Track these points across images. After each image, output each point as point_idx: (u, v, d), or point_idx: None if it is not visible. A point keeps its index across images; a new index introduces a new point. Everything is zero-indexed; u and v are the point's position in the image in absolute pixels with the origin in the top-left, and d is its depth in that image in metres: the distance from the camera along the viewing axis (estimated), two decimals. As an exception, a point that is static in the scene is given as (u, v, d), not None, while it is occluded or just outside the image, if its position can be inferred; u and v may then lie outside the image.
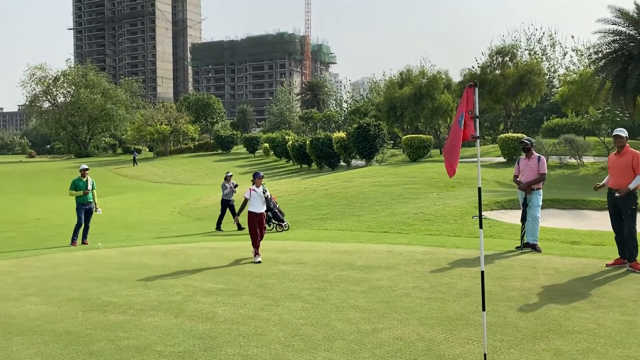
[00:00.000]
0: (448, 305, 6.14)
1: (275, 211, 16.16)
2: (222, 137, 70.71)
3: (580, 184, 24.24)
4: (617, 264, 7.60)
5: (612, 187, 7.70)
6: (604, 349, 4.65)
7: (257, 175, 9.49)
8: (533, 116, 52.97)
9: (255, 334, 5.35)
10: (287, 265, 8.70)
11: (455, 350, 4.79)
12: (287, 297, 6.69)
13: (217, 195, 30.72)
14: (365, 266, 8.44)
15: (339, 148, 39.27)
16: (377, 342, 5.02)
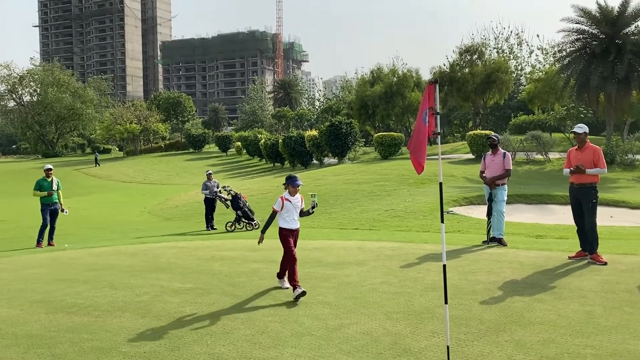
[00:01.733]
0: (415, 300, 6.22)
1: (245, 210, 16.10)
2: (194, 136, 70.04)
3: (546, 179, 24.81)
4: (579, 257, 7.81)
5: (574, 181, 7.90)
6: (564, 339, 4.78)
7: (294, 181, 6.82)
8: (501, 113, 53.94)
9: (223, 332, 5.34)
10: (257, 264, 8.68)
11: (420, 343, 4.86)
12: (256, 295, 6.68)
13: (188, 195, 30.43)
14: (335, 263, 8.48)
15: (311, 146, 39.31)
16: (344, 338, 5.06)
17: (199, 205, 24.91)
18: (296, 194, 6.84)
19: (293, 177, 6.87)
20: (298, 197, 6.85)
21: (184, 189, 36.60)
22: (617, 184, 24.08)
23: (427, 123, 4.20)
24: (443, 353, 4.52)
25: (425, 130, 4.24)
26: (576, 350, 4.50)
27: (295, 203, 6.83)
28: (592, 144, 8.02)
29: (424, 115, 4.19)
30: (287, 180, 6.85)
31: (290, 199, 6.80)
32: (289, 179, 6.84)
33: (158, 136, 77.65)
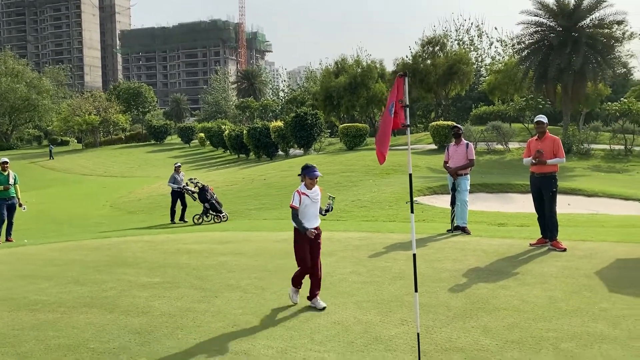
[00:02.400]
0: (383, 288, 6.33)
1: (212, 202, 15.93)
2: (155, 127, 68.72)
3: (506, 169, 25.45)
4: (539, 244, 8.08)
5: (535, 171, 8.14)
6: (527, 324, 4.95)
7: (312, 171, 5.83)
8: (462, 104, 54.89)
9: (194, 326, 5.31)
10: (226, 256, 8.64)
11: (390, 331, 4.96)
12: (226, 288, 6.67)
13: (151, 188, 29.91)
14: (304, 254, 8.51)
15: (276, 137, 39.16)
16: (316, 328, 5.12)
17: (163, 198, 24.54)
18: (314, 186, 5.88)
19: (310, 166, 5.83)
20: (317, 190, 5.90)
21: (146, 181, 35.94)
22: (573, 172, 24.92)
23: (392, 114, 4.26)
24: (413, 340, 4.63)
25: (390, 121, 4.29)
26: (539, 334, 4.68)
27: (314, 197, 5.87)
28: (551, 134, 8.29)
29: (391, 107, 4.25)
30: (303, 170, 5.85)
31: (308, 193, 5.83)
32: (305, 168, 5.83)
33: (118, 128, 75.89)
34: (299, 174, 5.92)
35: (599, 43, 30.58)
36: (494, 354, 4.32)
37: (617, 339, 4.47)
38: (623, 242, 8.12)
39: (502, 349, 4.40)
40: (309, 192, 5.86)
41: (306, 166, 5.89)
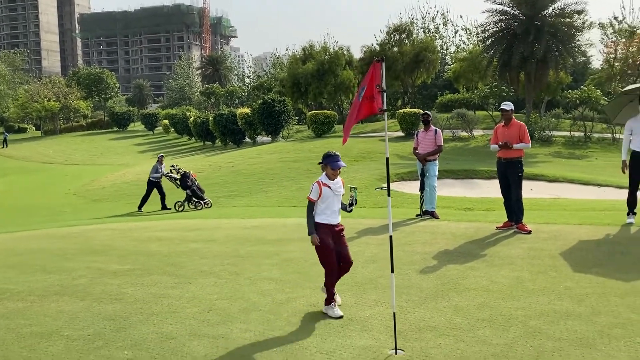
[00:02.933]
0: (357, 272, 6.41)
1: (194, 188, 15.56)
2: (117, 114, 67.19)
3: (471, 155, 25.96)
4: (505, 227, 8.32)
5: (502, 156, 8.35)
6: (497, 303, 5.13)
7: (335, 161, 5.05)
8: (428, 92, 55.47)
9: (169, 312, 5.29)
10: (197, 243, 8.60)
11: (365, 312, 5.06)
12: (199, 274, 6.65)
13: (115, 175, 29.35)
14: (277, 240, 8.56)
15: (243, 124, 38.83)
16: (292, 311, 5.17)
17: (128, 186, 24.15)
18: (337, 177, 5.16)
19: (333, 154, 5.07)
20: (339, 182, 5.20)
21: (109, 169, 35.22)
22: (536, 158, 25.61)
23: (361, 98, 4.30)
24: (387, 320, 4.73)
25: (357, 105, 4.34)
26: (508, 312, 4.85)
27: (336, 189, 5.14)
28: (516, 120, 8.51)
29: (361, 91, 4.29)
30: (324, 159, 5.15)
31: (330, 184, 5.12)
32: (327, 157, 5.12)
33: (79, 114, 73.83)
34: (320, 162, 5.22)
35: (560, 32, 31.36)
36: (466, 332, 4.46)
37: (582, 315, 4.68)
38: (584, 225, 8.43)
39: (473, 327, 4.56)
40: (331, 184, 5.11)
41: (328, 154, 5.11)
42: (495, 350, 4.09)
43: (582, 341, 4.17)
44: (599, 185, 18.15)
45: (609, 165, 24.04)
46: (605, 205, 12.40)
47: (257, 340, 4.47)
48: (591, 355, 3.92)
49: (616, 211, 11.04)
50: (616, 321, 4.52)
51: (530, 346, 4.13)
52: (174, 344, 4.46)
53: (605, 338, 4.20)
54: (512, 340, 4.25)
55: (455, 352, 4.09)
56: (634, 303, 4.90)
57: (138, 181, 24.96)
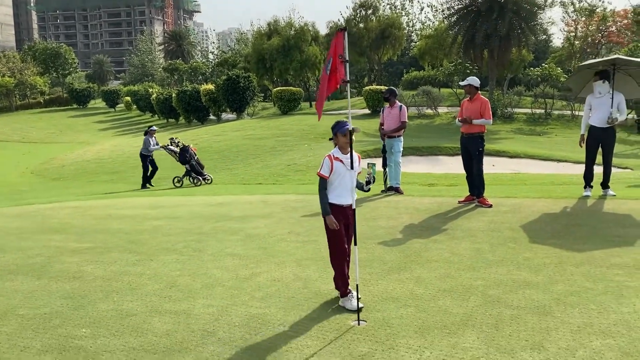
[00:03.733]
0: (322, 247, 6.41)
1: (193, 163, 14.91)
2: (77, 91, 65.19)
3: (435, 132, 26.26)
4: (467, 201, 8.45)
5: (464, 131, 8.43)
6: (458, 274, 5.22)
7: (343, 125, 4.43)
8: (394, 69, 55.64)
9: (129, 289, 5.20)
10: (160, 221, 8.45)
11: (329, 285, 5.06)
12: (161, 251, 6.54)
13: (76, 153, 28.57)
14: (241, 216, 8.49)
15: (207, 101, 38.23)
16: (256, 286, 5.15)
17: (89, 164, 23.55)
18: (348, 147, 4.43)
19: (340, 121, 4.47)
20: (355, 156, 4.51)
21: (69, 147, 34.26)
22: (498, 135, 26.07)
23: (328, 72, 4.24)
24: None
25: (326, 78, 4.27)
26: (468, 282, 4.94)
27: (348, 162, 4.45)
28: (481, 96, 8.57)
29: (327, 63, 4.22)
30: (333, 128, 4.46)
31: (342, 158, 4.45)
32: (335, 125, 4.45)
33: (36, 91, 71.18)
34: (330, 138, 4.59)
35: (523, 9, 31.74)
36: (427, 302, 4.53)
37: (539, 284, 4.81)
38: (543, 198, 8.64)
39: (434, 297, 4.62)
40: (344, 158, 4.45)
41: (336, 123, 4.49)
42: (455, 319, 4.17)
43: (539, 309, 4.28)
44: (558, 160, 18.66)
45: (568, 141, 24.70)
46: (563, 179, 12.75)
47: (219, 315, 4.43)
48: (547, 321, 4.03)
49: (574, 185, 11.37)
50: (571, 289, 4.66)
51: (489, 314, 4.21)
52: (134, 321, 4.39)
53: (561, 305, 4.32)
54: (471, 309, 4.33)
55: (416, 322, 4.15)
56: (589, 272, 5.06)
57: (100, 159, 24.37)
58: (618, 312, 4.15)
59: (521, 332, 3.89)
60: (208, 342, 3.95)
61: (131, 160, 22.47)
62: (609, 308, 4.23)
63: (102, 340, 4.04)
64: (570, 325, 3.95)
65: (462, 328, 4.00)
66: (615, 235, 6.22)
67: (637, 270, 5.04)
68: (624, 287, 4.64)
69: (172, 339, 4.02)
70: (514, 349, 3.65)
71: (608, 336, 3.76)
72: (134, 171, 19.78)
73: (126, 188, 16.29)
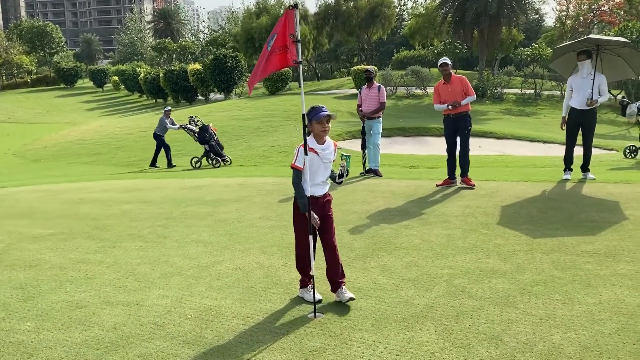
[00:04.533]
0: (290, 232, 6.18)
1: (212, 144, 14.27)
2: (64, 70, 64.17)
3: (424, 113, 26.02)
4: (445, 184, 8.29)
5: (450, 113, 8.16)
6: (425, 262, 5.06)
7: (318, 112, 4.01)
8: (385, 49, 55.09)
9: (85, 278, 5.01)
10: (130, 205, 8.24)
11: (292, 274, 4.91)
12: (126, 238, 6.35)
13: (59, 134, 28.14)
14: (214, 200, 8.29)
15: (195, 81, 37.72)
16: (216, 274, 4.97)
17: (71, 145, 23.19)
18: (325, 136, 4.08)
19: (316, 107, 4.04)
20: (330, 146, 4.16)
21: (55, 128, 33.76)
22: (486, 116, 25.89)
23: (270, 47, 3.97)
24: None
25: (266, 54, 4.01)
26: (434, 271, 4.79)
27: (325, 155, 4.10)
28: (455, 74, 8.32)
29: (270, 40, 3.96)
30: (308, 115, 4.04)
31: (317, 149, 4.07)
32: (310, 111, 4.02)
33: (23, 70, 70.10)
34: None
35: (513, -12, 31.32)
36: (390, 293, 4.37)
37: (506, 273, 4.66)
38: (522, 181, 8.50)
39: (397, 287, 4.47)
40: (319, 148, 4.07)
41: (311, 108, 4.05)
42: (416, 310, 4.02)
43: (502, 299, 4.13)
44: (545, 142, 18.56)
45: (556, 122, 24.53)
46: (546, 161, 12.63)
47: (172, 307, 4.26)
48: (509, 313, 3.89)
49: (555, 167, 11.24)
50: (538, 278, 4.52)
51: (451, 306, 4.07)
52: (83, 313, 4.21)
53: (525, 295, 4.18)
54: (433, 300, 4.18)
55: (375, 314, 3.99)
56: (558, 260, 4.92)
57: (83, 140, 24.02)
58: (583, 303, 4.02)
59: (481, 324, 3.75)
60: (156, 336, 3.78)
61: (114, 142, 22.16)
62: (574, 299, 4.09)
63: (45, 334, 3.87)
64: (532, 317, 3.81)
65: (421, 320, 3.86)
66: (590, 221, 6.08)
67: (607, 258, 4.91)
68: (592, 276, 4.50)
69: (118, 333, 3.85)
70: (471, 343, 3.51)
71: (570, 329, 3.62)
72: (116, 152, 19.50)
73: (108, 171, 16.03)
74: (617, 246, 5.20)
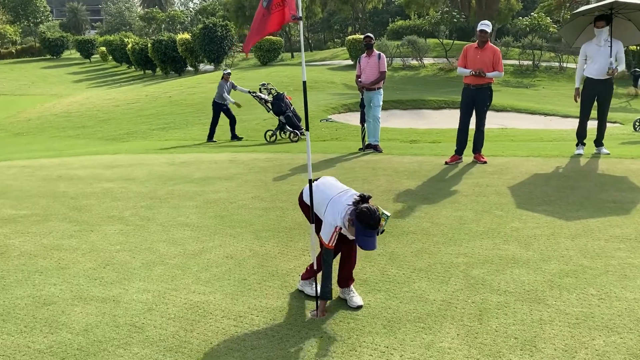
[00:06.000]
0: (287, 215, 5.72)
1: (289, 115, 12.60)
2: (50, 40, 62.36)
3: (421, 84, 25.35)
4: (453, 161, 7.75)
5: (471, 82, 7.53)
6: (437, 248, 4.55)
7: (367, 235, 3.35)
8: (379, 19, 53.85)
9: (57, 268, 4.46)
10: (112, 183, 7.65)
11: (289, 264, 4.39)
12: (106, 220, 5.78)
13: (44, 107, 27.21)
14: (203, 178, 7.71)
15: (184, 51, 36.64)
16: (204, 264, 4.44)
17: (56, 118, 22.36)
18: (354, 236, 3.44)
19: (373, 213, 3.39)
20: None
21: (40, 100, 32.73)
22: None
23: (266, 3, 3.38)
24: (313, 274, 4.08)
25: (262, 13, 3.43)
26: (449, 260, 4.28)
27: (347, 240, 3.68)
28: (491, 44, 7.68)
29: None
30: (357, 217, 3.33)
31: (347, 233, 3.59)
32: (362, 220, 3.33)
33: (7, 40, 68.15)
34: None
35: (513, -45, 30.34)
36: (401, 285, 3.87)
37: (529, 262, 4.16)
38: (532, 157, 7.98)
39: (409, 279, 3.96)
40: (348, 233, 3.58)
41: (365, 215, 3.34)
42: (432, 308, 3.52)
43: (530, 294, 3.64)
44: (546, 114, 18.01)
45: (555, 94, 24.00)
46: (553, 135, 12.11)
47: (154, 304, 3.73)
48: (540, 311, 3.40)
49: (564, 141, 10.73)
50: (567, 268, 4.02)
51: (472, 302, 3.57)
52: (50, 312, 3.67)
53: (555, 289, 3.69)
54: (451, 295, 3.68)
55: (386, 312, 3.49)
56: (585, 246, 4.43)
57: (68, 113, 23.18)
58: (622, 298, 3.53)
59: (509, 326, 3.26)
60: (133, 341, 3.26)
61: (100, 114, 21.36)
62: (612, 294, 3.60)
63: (3, 339, 3.33)
64: (567, 317, 3.32)
65: (439, 321, 3.36)
66: (612, 201, 5.58)
67: (639, 243, 4.43)
68: (626, 266, 4.01)
69: (90, 337, 3.33)
70: (501, 349, 3.01)
71: (613, 331, 3.14)
72: (102, 125, 18.76)
73: (93, 144, 15.34)
74: (649, 230, 4.71)
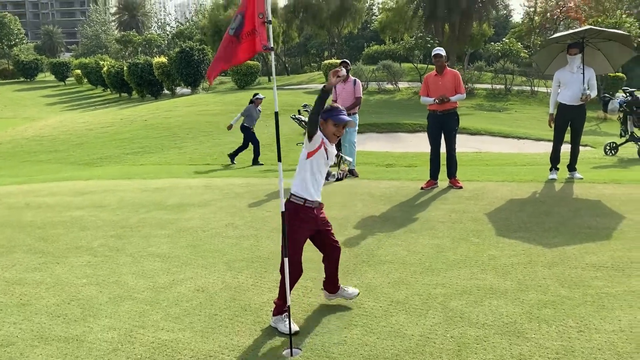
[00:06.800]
0: (261, 243, 5.59)
1: None
2: (24, 63, 61.67)
3: (396, 108, 25.57)
4: (429, 186, 7.73)
5: (437, 109, 7.58)
6: (414, 278, 4.47)
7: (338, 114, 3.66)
8: (355, 43, 54.58)
9: (19, 305, 4.25)
10: (82, 210, 7.42)
11: (263, 297, 4.25)
12: (73, 251, 5.57)
13: (16, 130, 26.65)
14: (177, 205, 7.54)
15: (160, 74, 36.48)
16: (174, 298, 4.27)
17: (27, 142, 21.88)
18: (337, 139, 3.77)
19: (335, 107, 3.65)
20: (334, 151, 3.85)
21: (11, 123, 32.09)
22: (459, 111, 25.57)
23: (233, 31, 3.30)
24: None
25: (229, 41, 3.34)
26: (427, 291, 4.20)
27: (331, 152, 3.75)
28: (449, 68, 7.79)
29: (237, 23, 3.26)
30: (325, 113, 3.59)
31: (327, 146, 3.69)
32: (328, 111, 3.61)
33: (-21, 63, 67.11)
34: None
35: (484, -17, 31.16)
36: (378, 320, 3.76)
37: (507, 292, 4.10)
38: (507, 182, 8.01)
39: (386, 313, 3.86)
40: (329, 146, 3.71)
41: (329, 108, 3.62)
42: (410, 344, 3.41)
43: (508, 327, 3.56)
44: (519, 137, 18.28)
45: (527, 117, 24.46)
46: (526, 159, 12.24)
47: (119, 344, 3.55)
48: (519, 346, 3.32)
49: (537, 165, 10.84)
50: (545, 298, 3.97)
51: (451, 337, 3.48)
52: (8, 354, 3.46)
53: (534, 322, 3.62)
54: (429, 329, 3.59)
55: (363, 349, 3.37)
56: (563, 274, 4.39)
57: (40, 137, 22.72)
58: (602, 330, 3.48)
59: (489, 361, 3.17)
60: (96, 385, 3.08)
61: (74, 138, 20.98)
62: (591, 325, 3.55)
63: (-45, 386, 3.12)
64: (547, 351, 3.25)
65: (418, 357, 3.25)
66: (587, 227, 5.59)
67: (616, 272, 4.40)
68: (604, 296, 3.97)
69: (49, 381, 3.13)
70: (481, 388, 2.92)
71: (593, 366, 3.07)
72: (75, 150, 18.40)
73: (65, 169, 14.99)
74: (624, 257, 4.70)
